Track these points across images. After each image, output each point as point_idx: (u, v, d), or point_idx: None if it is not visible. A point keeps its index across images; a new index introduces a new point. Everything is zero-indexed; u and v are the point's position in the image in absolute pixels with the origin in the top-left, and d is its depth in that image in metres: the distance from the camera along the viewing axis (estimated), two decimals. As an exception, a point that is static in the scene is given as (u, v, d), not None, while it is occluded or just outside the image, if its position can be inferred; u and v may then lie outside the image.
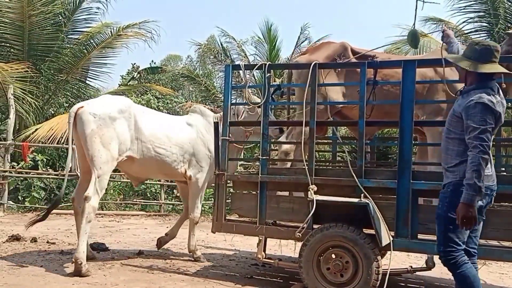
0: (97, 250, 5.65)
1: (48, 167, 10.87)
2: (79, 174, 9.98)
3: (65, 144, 10.50)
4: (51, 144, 10.53)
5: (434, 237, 3.91)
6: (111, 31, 13.06)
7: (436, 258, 3.98)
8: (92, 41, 12.98)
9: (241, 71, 4.81)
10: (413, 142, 4.18)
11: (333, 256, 3.91)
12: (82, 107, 4.95)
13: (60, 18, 12.52)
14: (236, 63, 15.24)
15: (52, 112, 12.71)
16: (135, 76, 17.81)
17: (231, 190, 5.14)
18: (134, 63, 20.26)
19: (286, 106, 5.98)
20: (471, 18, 11.64)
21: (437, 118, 4.59)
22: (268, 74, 4.48)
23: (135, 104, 5.42)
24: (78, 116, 4.88)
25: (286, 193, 4.70)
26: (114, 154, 4.89)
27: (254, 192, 4.53)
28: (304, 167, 4.19)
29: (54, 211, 9.51)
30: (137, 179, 5.67)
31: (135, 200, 11.09)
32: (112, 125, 4.88)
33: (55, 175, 10.54)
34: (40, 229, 7.35)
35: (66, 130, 10.62)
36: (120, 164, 5.19)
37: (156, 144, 5.17)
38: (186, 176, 5.45)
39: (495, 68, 3.06)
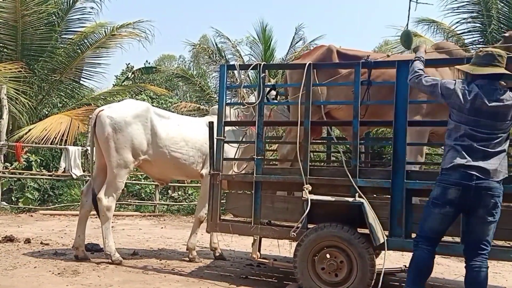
0: (92, 251, 5.62)
1: (42, 168, 10.82)
2: (73, 175, 10.08)
3: (59, 145, 10.48)
4: (45, 144, 10.48)
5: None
6: (105, 31, 13.02)
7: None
8: (86, 41, 12.93)
9: (236, 71, 4.81)
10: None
11: (328, 256, 3.92)
12: (102, 110, 5.20)
13: (54, 18, 12.46)
14: (231, 63, 15.24)
15: (46, 112, 12.65)
16: (129, 76, 17.76)
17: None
18: (129, 63, 20.24)
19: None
20: (464, 19, 11.69)
21: (415, 117, 4.63)
22: (263, 74, 4.48)
23: (154, 109, 5.51)
24: (98, 119, 5.13)
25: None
26: (128, 158, 5.11)
27: (249, 192, 4.53)
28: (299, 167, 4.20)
29: (47, 212, 9.59)
30: (160, 180, 5.81)
31: (129, 200, 11.06)
32: (127, 130, 5.07)
33: (48, 175, 10.49)
34: (33, 230, 7.32)
35: (59, 130, 10.64)
36: (140, 167, 5.45)
37: (172, 148, 5.29)
38: (200, 174, 5.50)
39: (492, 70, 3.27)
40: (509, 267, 5.98)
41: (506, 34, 4.74)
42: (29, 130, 10.76)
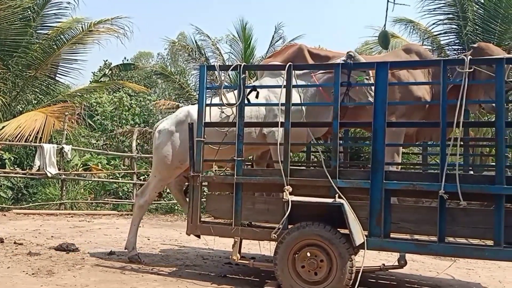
0: (67, 251, 5.53)
1: (16, 166, 10.57)
2: (47, 174, 9.86)
3: (33, 142, 10.25)
4: (19, 142, 10.23)
5: (406, 236, 4.02)
6: (82, 27, 12.80)
7: (408, 256, 4.06)
8: (62, 36, 12.68)
9: (216, 72, 4.75)
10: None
11: (309, 254, 3.94)
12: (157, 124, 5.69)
13: (29, 12, 12.17)
14: (211, 61, 15.15)
15: (20, 109, 12.36)
16: (107, 73, 17.49)
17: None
18: (106, 60, 19.93)
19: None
20: (440, 20, 11.88)
21: (391, 118, 4.73)
22: (243, 75, 4.47)
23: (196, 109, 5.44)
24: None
25: None
26: (172, 164, 5.27)
27: (230, 193, 4.51)
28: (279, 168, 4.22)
29: (21, 211, 9.37)
30: None
31: (106, 199, 10.91)
32: (171, 139, 5.31)
33: (22, 174, 10.25)
34: (7, 230, 7.15)
35: (34, 127, 10.40)
36: None
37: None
38: None
39: None
40: (482, 264, 6.15)
41: (475, 45, 4.91)
42: (3, 127, 10.47)
